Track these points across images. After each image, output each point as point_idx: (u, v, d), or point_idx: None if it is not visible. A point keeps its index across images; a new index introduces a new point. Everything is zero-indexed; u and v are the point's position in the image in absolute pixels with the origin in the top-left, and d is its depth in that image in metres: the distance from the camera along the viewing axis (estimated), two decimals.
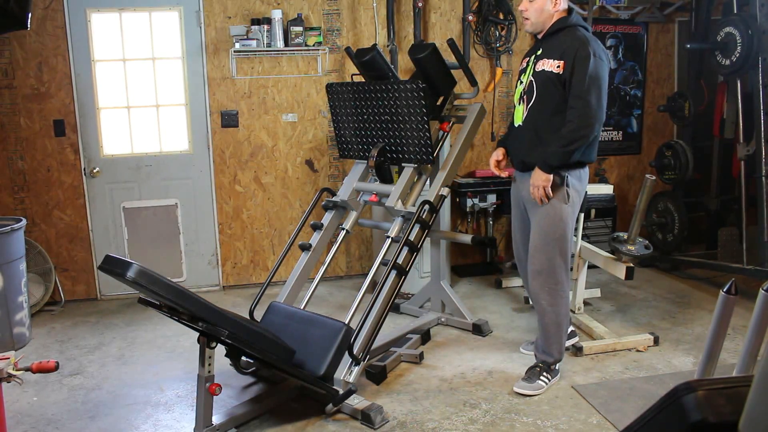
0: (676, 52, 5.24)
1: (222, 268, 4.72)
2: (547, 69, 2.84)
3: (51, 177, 4.34)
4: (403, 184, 3.29)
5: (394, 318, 3.95)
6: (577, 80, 2.75)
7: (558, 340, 3.04)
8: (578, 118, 2.76)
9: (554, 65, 2.82)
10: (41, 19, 4.15)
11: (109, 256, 2.33)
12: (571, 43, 2.78)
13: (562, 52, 2.80)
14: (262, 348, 2.59)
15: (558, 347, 3.05)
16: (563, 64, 2.79)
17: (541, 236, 2.95)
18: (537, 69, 2.89)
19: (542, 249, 2.95)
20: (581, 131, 2.77)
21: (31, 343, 3.76)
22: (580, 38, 2.79)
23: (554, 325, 3.01)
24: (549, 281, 2.96)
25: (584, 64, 2.73)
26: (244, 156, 4.60)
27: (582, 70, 2.74)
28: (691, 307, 4.13)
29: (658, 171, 4.88)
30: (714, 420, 0.84)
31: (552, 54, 2.84)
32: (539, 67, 2.88)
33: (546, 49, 2.89)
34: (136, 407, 2.98)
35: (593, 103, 2.74)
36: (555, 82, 2.82)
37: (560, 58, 2.80)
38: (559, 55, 2.80)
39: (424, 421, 2.76)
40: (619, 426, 2.66)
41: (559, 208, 2.91)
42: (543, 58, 2.87)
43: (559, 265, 2.95)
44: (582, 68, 2.74)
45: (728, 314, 1.62)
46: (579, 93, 2.75)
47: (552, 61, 2.83)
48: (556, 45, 2.85)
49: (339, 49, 4.60)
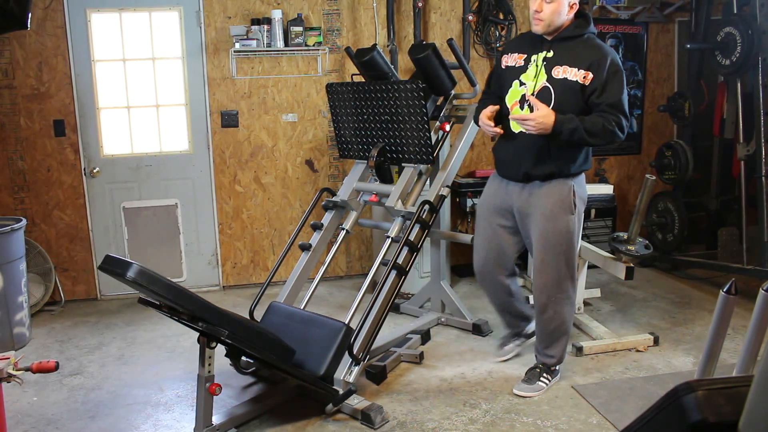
0: (676, 52, 5.24)
1: (222, 268, 4.72)
2: (570, 78, 2.70)
3: (51, 177, 4.34)
4: (403, 184, 3.29)
5: (394, 318, 3.95)
6: (615, 92, 2.68)
7: (563, 344, 3.04)
8: (616, 125, 2.67)
9: (579, 75, 2.69)
10: (41, 19, 4.15)
11: (109, 256, 2.33)
12: (600, 55, 2.69)
13: (589, 63, 2.68)
14: (262, 348, 2.59)
15: (561, 350, 3.04)
16: (591, 77, 2.68)
17: (549, 250, 2.85)
18: (554, 75, 2.73)
19: (550, 262, 2.87)
20: (607, 137, 2.68)
21: (31, 343, 3.76)
22: (607, 51, 2.72)
23: (560, 330, 2.99)
24: (557, 292, 2.92)
25: (621, 80, 2.70)
26: (244, 156, 4.60)
27: (620, 86, 2.69)
28: (691, 307, 4.13)
29: (658, 171, 4.88)
30: (714, 420, 0.84)
31: (574, 62, 2.70)
32: (558, 74, 2.73)
33: (561, 54, 2.74)
34: (136, 407, 2.98)
35: (626, 117, 2.71)
36: (578, 93, 2.70)
37: (587, 68, 2.68)
38: (586, 66, 2.68)
39: (424, 421, 2.76)
40: (619, 426, 2.66)
41: (566, 220, 2.84)
42: (561, 65, 2.73)
43: (566, 275, 2.90)
44: (620, 84, 2.70)
45: (728, 314, 1.62)
46: (617, 105, 2.68)
47: (576, 70, 2.69)
48: (579, 53, 2.71)
49: (339, 49, 4.60)
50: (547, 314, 2.95)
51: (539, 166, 2.82)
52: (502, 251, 3.05)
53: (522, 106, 2.82)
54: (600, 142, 2.71)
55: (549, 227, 2.84)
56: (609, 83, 2.69)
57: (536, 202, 2.86)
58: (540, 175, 2.83)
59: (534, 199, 2.87)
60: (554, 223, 2.83)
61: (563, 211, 2.84)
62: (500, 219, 3.02)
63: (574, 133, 2.64)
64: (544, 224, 2.85)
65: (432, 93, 3.51)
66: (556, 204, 2.83)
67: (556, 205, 2.83)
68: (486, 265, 3.11)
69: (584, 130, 2.65)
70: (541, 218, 2.85)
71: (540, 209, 2.85)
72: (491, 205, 3.05)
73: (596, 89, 2.69)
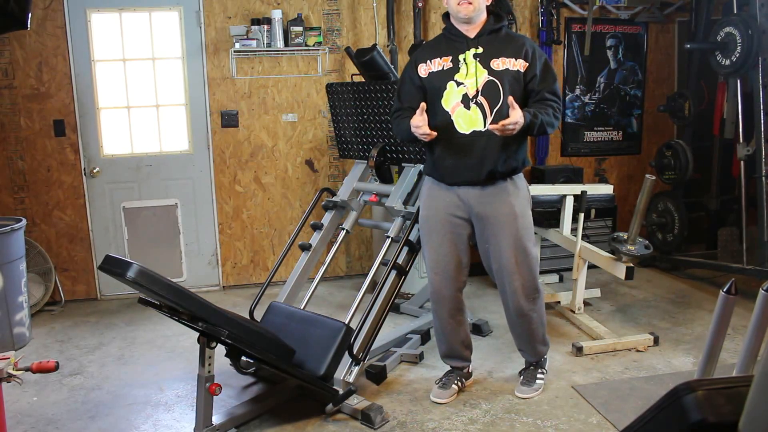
0: (676, 52, 5.24)
1: (222, 268, 4.72)
2: (511, 68, 2.71)
3: (51, 177, 4.34)
4: (403, 184, 3.29)
5: (394, 318, 3.95)
6: (550, 79, 2.78)
7: (544, 335, 3.01)
8: (558, 112, 2.77)
9: (519, 64, 2.72)
10: (41, 19, 4.15)
11: (109, 256, 2.33)
12: (527, 44, 2.77)
13: (522, 52, 2.73)
14: (262, 348, 2.59)
15: (544, 341, 3.03)
16: (526, 65, 2.73)
17: (521, 249, 2.78)
18: (495, 68, 2.70)
19: (523, 262, 2.81)
20: (556, 122, 2.77)
21: (31, 343, 3.76)
22: (529, 40, 2.84)
23: (540, 325, 2.97)
24: (533, 292, 2.88)
25: (550, 65, 2.82)
26: (244, 156, 4.60)
27: (552, 71, 2.81)
28: (691, 307, 4.13)
29: (658, 171, 4.88)
30: (714, 420, 0.84)
31: (508, 53, 2.72)
32: (497, 66, 2.71)
33: (491, 48, 2.73)
34: (136, 407, 2.98)
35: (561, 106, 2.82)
36: (521, 82, 2.74)
37: (523, 58, 2.72)
38: (521, 55, 2.73)
39: (424, 421, 2.76)
40: (619, 426, 2.66)
41: (529, 215, 2.86)
42: (498, 57, 2.71)
43: (536, 271, 2.88)
44: (551, 69, 2.81)
45: (728, 314, 1.61)
46: (556, 91, 2.78)
47: (513, 60, 2.72)
48: (508, 44, 2.75)
49: (339, 49, 4.60)
50: (527, 316, 2.89)
51: (504, 163, 2.75)
52: (460, 263, 2.89)
53: (468, 106, 2.71)
54: (552, 130, 2.80)
55: (519, 225, 2.78)
56: (544, 71, 2.77)
57: (501, 203, 2.77)
58: (506, 172, 2.77)
59: (498, 200, 2.77)
60: (523, 220, 2.80)
61: (527, 207, 2.86)
62: (457, 227, 2.85)
63: (540, 127, 2.70)
64: (513, 223, 2.77)
65: None
66: (523, 200, 2.83)
67: (523, 200, 2.83)
68: (445, 281, 2.89)
69: (545, 123, 2.71)
70: (510, 218, 2.77)
71: (507, 208, 2.77)
72: (445, 214, 2.84)
73: (534, 77, 2.75)
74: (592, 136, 5.24)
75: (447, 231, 2.85)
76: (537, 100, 2.75)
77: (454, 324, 2.98)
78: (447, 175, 2.82)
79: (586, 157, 5.24)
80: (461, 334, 3.03)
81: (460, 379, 3.04)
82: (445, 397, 2.96)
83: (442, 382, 3.02)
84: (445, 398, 2.96)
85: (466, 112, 2.72)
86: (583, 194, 3.92)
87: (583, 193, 3.93)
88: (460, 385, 3.03)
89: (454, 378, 3.03)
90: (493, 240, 2.80)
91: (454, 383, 3.00)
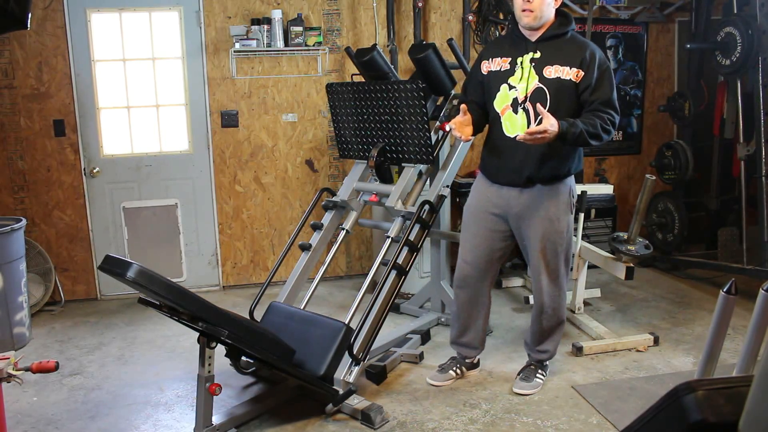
0: (676, 52, 5.24)
1: (222, 268, 4.72)
2: (563, 77, 2.68)
3: (51, 177, 4.34)
4: (403, 184, 3.29)
5: (394, 318, 3.95)
6: (607, 89, 2.69)
7: (557, 339, 3.08)
8: (610, 123, 2.67)
9: (572, 73, 2.68)
10: (41, 19, 4.15)
11: (109, 256, 2.33)
12: (589, 52, 2.69)
13: (579, 60, 2.67)
14: (262, 348, 2.59)
15: (555, 345, 3.09)
16: (582, 74, 2.67)
17: (551, 251, 2.86)
18: (546, 75, 2.70)
19: (551, 263, 2.88)
20: (607, 135, 2.68)
21: (31, 343, 3.76)
22: (594, 48, 2.72)
23: (557, 326, 3.03)
24: (557, 289, 2.95)
25: (610, 77, 2.71)
26: (244, 156, 4.60)
27: (610, 83, 2.70)
28: (691, 307, 4.13)
29: (658, 171, 4.88)
30: (714, 420, 0.84)
31: (564, 61, 2.69)
32: (549, 73, 2.70)
33: (549, 53, 2.71)
34: (136, 407, 2.98)
35: (617, 117, 2.71)
36: (572, 92, 2.70)
37: (579, 66, 2.67)
38: (577, 63, 2.67)
39: (424, 421, 2.76)
40: (619, 426, 2.66)
41: (565, 219, 2.86)
42: (551, 64, 2.70)
43: (564, 273, 2.94)
44: (609, 80, 2.70)
45: (728, 314, 1.62)
46: (609, 102, 2.68)
47: (568, 68, 2.68)
48: (567, 52, 2.70)
49: (339, 49, 4.60)
50: (547, 313, 2.98)
51: (543, 170, 2.79)
52: (492, 257, 3.00)
53: (516, 110, 2.77)
54: (599, 142, 2.70)
55: (551, 229, 2.84)
56: (600, 80, 2.69)
57: (538, 206, 2.83)
58: (543, 178, 2.81)
59: (535, 203, 2.84)
60: (557, 224, 2.84)
61: (564, 213, 2.86)
62: (493, 224, 2.94)
63: (579, 137, 2.62)
64: (546, 226, 2.84)
65: (432, 93, 3.51)
66: (560, 206, 2.84)
67: (559, 207, 2.84)
68: (474, 270, 3.01)
69: (587, 133, 2.62)
70: (544, 221, 2.83)
71: (542, 212, 2.83)
72: (485, 210, 2.95)
73: (588, 86, 2.69)
74: None
75: (482, 225, 2.96)
76: (588, 111, 2.69)
77: (471, 312, 3.09)
78: (492, 174, 2.93)
79: (586, 157, 5.23)
80: (477, 326, 3.12)
81: (460, 367, 3.15)
82: (440, 380, 3.10)
83: (442, 367, 3.17)
84: (440, 381, 3.10)
85: (513, 116, 2.79)
86: (583, 194, 3.92)
87: (583, 193, 3.93)
88: (459, 373, 3.14)
89: (454, 364, 3.16)
90: (527, 240, 2.90)
91: (452, 369, 3.13)
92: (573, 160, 2.86)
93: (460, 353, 3.18)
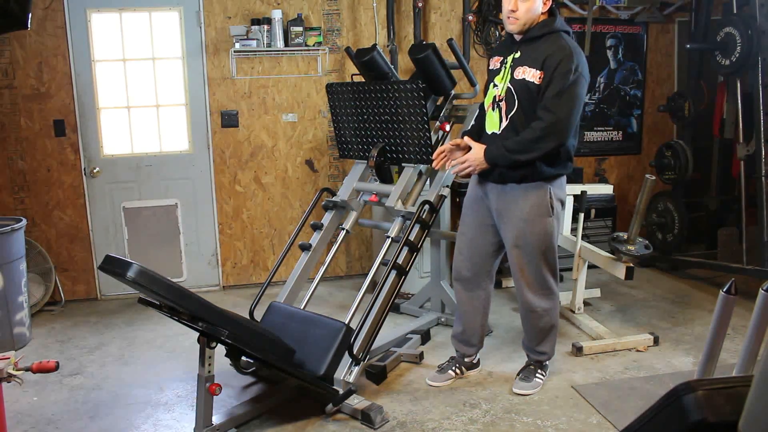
0: (676, 52, 5.24)
1: (222, 268, 4.72)
2: (528, 78, 2.67)
3: (51, 177, 4.34)
4: (403, 184, 3.29)
5: (394, 318, 3.95)
6: (552, 92, 2.61)
7: (553, 340, 3.06)
8: (541, 130, 2.61)
9: (536, 75, 2.65)
10: (41, 19, 4.15)
11: (109, 256, 2.33)
12: (555, 54, 2.61)
13: (543, 61, 2.62)
14: (262, 348, 2.59)
15: (552, 346, 3.08)
16: (542, 75, 2.63)
17: (526, 250, 2.84)
18: (516, 76, 2.70)
19: (528, 262, 2.86)
20: (539, 144, 2.63)
21: (31, 343, 3.76)
22: (564, 49, 2.63)
23: (550, 327, 3.01)
24: (541, 290, 2.93)
25: (563, 79, 2.59)
26: (244, 156, 4.60)
27: (559, 84, 2.60)
28: (691, 307, 4.13)
29: (658, 171, 4.88)
30: (714, 420, 0.84)
31: (533, 62, 2.66)
32: (519, 74, 2.70)
33: (526, 54, 2.71)
34: (136, 407, 2.98)
35: (562, 118, 2.60)
36: (535, 94, 2.66)
37: (541, 68, 2.63)
38: (540, 65, 2.63)
39: (424, 421, 2.76)
40: (619, 426, 2.66)
41: (544, 222, 2.82)
42: (523, 65, 2.69)
43: (547, 273, 2.91)
44: (560, 82, 2.60)
45: (728, 314, 1.61)
46: (550, 106, 2.61)
47: (533, 70, 2.65)
48: (538, 52, 2.66)
49: (339, 49, 4.60)
50: (535, 313, 2.96)
51: (512, 169, 2.77)
52: (486, 251, 3.00)
53: (494, 108, 2.83)
54: (534, 154, 2.65)
55: (526, 229, 2.82)
56: (553, 80, 2.61)
57: (513, 204, 2.82)
58: (514, 177, 2.79)
59: (511, 202, 2.82)
60: (531, 225, 2.81)
61: (540, 215, 2.81)
62: (485, 217, 2.97)
63: (504, 158, 2.69)
64: (521, 226, 2.82)
65: (432, 93, 3.52)
66: (533, 207, 2.80)
67: (533, 208, 2.80)
68: (465, 262, 3.03)
69: (506, 150, 2.68)
70: (519, 220, 2.82)
71: (517, 212, 2.81)
72: (477, 203, 3.00)
73: (543, 88, 2.65)
74: (592, 136, 5.24)
75: (476, 218, 3.00)
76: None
77: (469, 307, 3.10)
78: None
79: (586, 157, 5.24)
80: (475, 322, 3.12)
81: (460, 367, 3.16)
82: (440, 381, 3.12)
83: (441, 367, 3.18)
84: (439, 382, 3.11)
85: (492, 113, 2.86)
86: (583, 194, 3.92)
87: (583, 193, 3.93)
88: (458, 373, 3.16)
89: (453, 364, 3.17)
90: (504, 239, 2.94)
91: (451, 369, 3.15)
92: (551, 164, 2.77)
93: (459, 350, 3.18)
